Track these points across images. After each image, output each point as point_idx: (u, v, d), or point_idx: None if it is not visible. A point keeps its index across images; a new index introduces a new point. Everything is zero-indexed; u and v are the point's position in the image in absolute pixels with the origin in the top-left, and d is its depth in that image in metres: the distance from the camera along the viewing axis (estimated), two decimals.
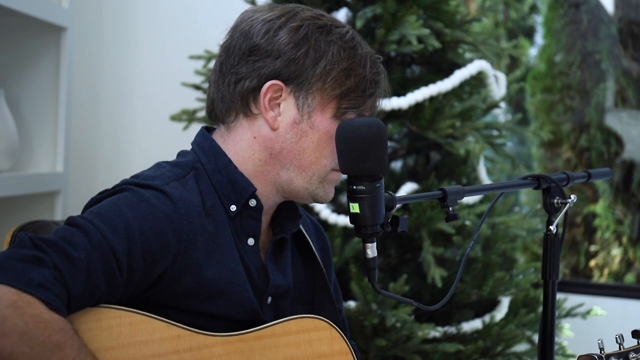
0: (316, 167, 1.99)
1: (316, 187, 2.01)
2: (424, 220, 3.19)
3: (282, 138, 1.98)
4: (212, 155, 2.00)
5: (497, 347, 3.30)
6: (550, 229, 2.14)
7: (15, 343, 1.64)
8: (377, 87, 2.00)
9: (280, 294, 2.04)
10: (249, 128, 2.00)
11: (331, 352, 1.96)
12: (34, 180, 3.21)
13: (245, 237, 1.99)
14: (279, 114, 1.97)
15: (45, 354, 1.67)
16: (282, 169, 2.00)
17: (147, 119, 3.98)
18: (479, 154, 3.36)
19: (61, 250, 1.73)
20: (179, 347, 1.85)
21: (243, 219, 1.99)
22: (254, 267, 1.99)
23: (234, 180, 1.98)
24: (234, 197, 1.98)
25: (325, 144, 1.98)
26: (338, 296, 2.24)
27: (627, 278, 4.49)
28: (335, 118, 1.97)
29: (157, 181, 1.91)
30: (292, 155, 1.98)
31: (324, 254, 2.21)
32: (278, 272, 2.04)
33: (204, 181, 1.97)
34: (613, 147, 4.55)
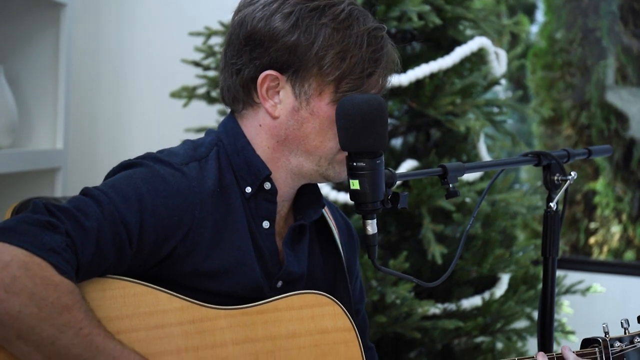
0: (322, 151, 1.98)
1: (326, 168, 2.00)
2: (424, 197, 3.19)
3: (285, 125, 1.97)
4: (232, 135, 2.01)
5: (496, 323, 3.31)
6: (550, 205, 2.14)
7: (24, 303, 1.66)
8: (376, 66, 1.96)
9: (293, 280, 2.04)
10: (255, 117, 2.00)
11: (334, 328, 1.96)
12: (34, 156, 3.21)
13: (260, 219, 2.00)
14: (279, 102, 1.97)
15: (53, 315, 1.68)
16: (290, 155, 2.00)
17: (147, 96, 3.97)
18: (479, 131, 3.36)
19: (74, 219, 1.76)
20: (182, 319, 1.86)
21: (258, 201, 2.00)
22: (268, 250, 2.00)
23: (250, 162, 1.98)
24: (249, 178, 1.98)
25: (328, 127, 1.97)
26: (361, 297, 2.24)
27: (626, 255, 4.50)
28: (334, 102, 1.95)
29: (177, 159, 1.93)
30: (297, 141, 1.98)
31: (351, 252, 2.21)
32: (294, 259, 2.04)
33: (224, 159, 1.98)
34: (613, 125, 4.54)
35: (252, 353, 1.90)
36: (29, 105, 3.29)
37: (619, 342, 2.08)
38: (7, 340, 1.69)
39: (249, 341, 1.90)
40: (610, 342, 2.07)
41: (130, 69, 3.99)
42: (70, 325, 1.70)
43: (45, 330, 1.68)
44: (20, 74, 3.28)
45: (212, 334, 1.87)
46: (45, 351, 1.70)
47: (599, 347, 2.06)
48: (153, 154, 1.95)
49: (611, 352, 2.06)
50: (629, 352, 2.07)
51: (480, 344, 3.40)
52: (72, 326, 1.70)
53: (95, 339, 1.73)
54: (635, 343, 2.08)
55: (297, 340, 1.93)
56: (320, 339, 1.95)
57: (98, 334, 1.74)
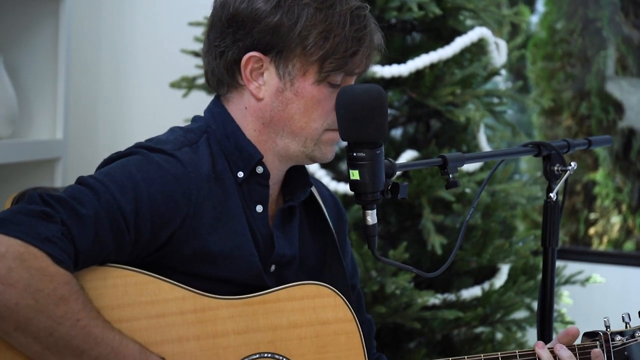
0: (307, 131, 1.98)
1: (312, 149, 2.00)
2: (424, 187, 3.19)
3: (270, 107, 1.97)
4: (220, 121, 2.00)
5: (496, 314, 3.31)
6: (550, 196, 2.14)
7: (21, 294, 1.66)
8: (360, 45, 1.95)
9: (285, 262, 2.04)
10: (240, 99, 2.00)
11: (335, 319, 1.97)
12: (34, 147, 3.21)
13: (253, 203, 2.00)
14: (263, 84, 1.96)
15: (49, 307, 1.68)
16: (276, 137, 1.99)
17: (147, 86, 3.97)
18: (479, 122, 3.36)
19: (70, 207, 1.75)
20: (183, 308, 1.86)
21: (250, 185, 1.99)
22: (261, 234, 2.00)
23: (241, 147, 1.98)
24: (241, 163, 1.98)
25: (313, 108, 1.96)
26: (355, 272, 2.24)
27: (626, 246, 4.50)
28: (318, 82, 1.95)
29: (168, 145, 1.92)
30: (283, 123, 1.98)
31: (341, 228, 2.21)
32: (284, 241, 2.04)
33: (215, 144, 1.98)
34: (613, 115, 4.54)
35: (253, 343, 1.90)
36: (29, 95, 3.29)
37: (620, 336, 2.07)
38: (6, 332, 1.69)
39: (250, 331, 1.90)
40: (611, 335, 2.07)
41: (130, 59, 3.98)
42: (67, 316, 1.70)
43: (43, 321, 1.68)
44: (20, 65, 3.28)
45: (213, 323, 1.87)
46: (43, 342, 1.70)
47: (600, 341, 2.06)
48: (143, 143, 1.95)
49: (612, 346, 2.06)
50: (630, 346, 2.07)
51: (480, 334, 3.41)
52: (69, 317, 1.70)
53: (93, 330, 1.73)
54: (636, 337, 2.08)
55: (298, 330, 1.93)
56: (321, 329, 1.95)
57: (96, 325, 1.74)
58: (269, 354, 1.91)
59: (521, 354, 2.02)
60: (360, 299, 2.23)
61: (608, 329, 2.07)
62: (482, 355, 2.01)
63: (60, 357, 1.72)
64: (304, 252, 2.10)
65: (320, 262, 2.14)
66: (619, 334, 2.07)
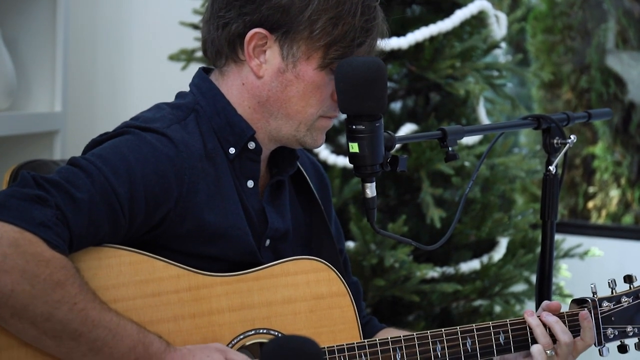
0: (303, 116, 1.97)
1: (304, 134, 1.99)
2: (423, 161, 3.19)
3: (268, 86, 1.96)
4: (210, 97, 1.98)
5: (495, 287, 3.32)
6: (549, 169, 2.14)
7: (16, 281, 1.65)
8: (367, 36, 1.94)
9: (279, 236, 2.04)
10: (238, 74, 1.98)
11: (329, 293, 1.97)
12: (32, 119, 3.21)
13: (244, 179, 1.99)
14: (264, 62, 1.95)
15: (46, 292, 1.67)
16: (270, 117, 1.98)
17: (146, 59, 3.95)
18: (479, 95, 3.35)
19: (64, 191, 1.74)
20: (178, 286, 1.86)
21: (242, 161, 1.98)
22: (253, 210, 1.99)
23: (233, 123, 1.97)
24: (232, 139, 1.97)
25: (311, 93, 1.95)
26: (339, 236, 2.24)
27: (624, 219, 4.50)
28: (321, 68, 1.93)
29: (158, 124, 1.90)
30: (279, 104, 1.96)
31: (324, 193, 2.20)
32: (276, 215, 2.04)
33: (204, 123, 1.96)
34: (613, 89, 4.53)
35: (248, 319, 1.90)
36: (27, 68, 3.28)
37: (607, 302, 2.10)
38: (2, 318, 1.69)
39: (245, 308, 1.90)
40: (598, 302, 2.09)
41: (129, 31, 3.97)
42: (64, 301, 1.69)
43: (39, 307, 1.68)
44: (18, 37, 3.26)
45: (208, 301, 1.87)
46: (40, 327, 1.69)
47: (588, 307, 2.07)
48: (131, 122, 1.92)
49: (600, 312, 2.08)
50: (617, 312, 2.09)
51: (479, 307, 3.42)
52: (66, 302, 1.69)
53: (90, 313, 1.72)
54: (622, 302, 2.10)
55: (293, 306, 1.94)
56: (315, 304, 1.95)
57: (93, 308, 1.73)
58: (264, 330, 1.91)
59: (512, 322, 2.03)
60: (347, 263, 2.23)
61: (595, 295, 2.09)
62: (474, 325, 2.02)
63: (57, 342, 1.72)
64: (295, 225, 2.10)
65: (309, 231, 2.14)
66: (606, 300, 2.10)
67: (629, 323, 2.10)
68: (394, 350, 1.95)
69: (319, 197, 2.15)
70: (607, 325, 2.08)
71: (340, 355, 1.91)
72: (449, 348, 1.98)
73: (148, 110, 1.98)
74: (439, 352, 1.98)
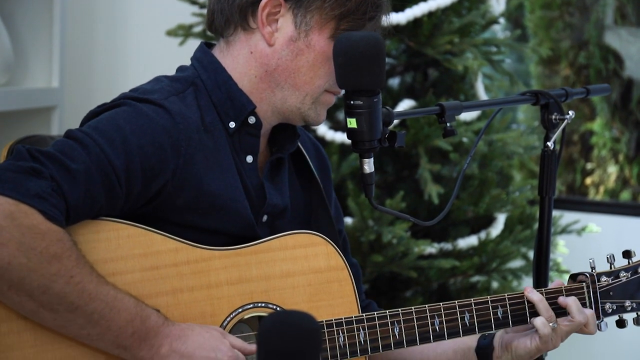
0: (310, 87, 1.97)
1: (308, 107, 1.99)
2: (421, 137, 3.19)
3: (278, 55, 1.96)
4: (211, 70, 1.98)
5: (492, 263, 3.33)
6: (547, 145, 2.14)
7: (13, 253, 1.65)
8: (377, 11, 1.97)
9: (277, 213, 2.04)
10: (247, 42, 1.98)
11: (327, 267, 1.97)
12: (30, 95, 3.20)
13: (244, 154, 1.99)
14: (276, 30, 1.95)
15: (42, 265, 1.68)
16: (276, 87, 1.98)
17: (143, 34, 3.94)
18: (477, 71, 3.35)
19: (59, 162, 1.74)
20: (176, 260, 1.86)
21: (242, 136, 1.98)
22: (252, 185, 1.99)
23: (233, 97, 1.97)
24: (232, 113, 1.97)
25: (321, 64, 1.96)
26: (339, 217, 2.24)
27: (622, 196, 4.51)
28: (332, 38, 1.94)
29: (155, 95, 1.90)
30: (287, 74, 1.97)
31: (324, 173, 2.21)
32: (275, 191, 2.04)
33: (203, 97, 1.96)
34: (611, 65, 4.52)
35: (246, 293, 1.90)
36: (24, 43, 3.27)
37: (606, 277, 2.10)
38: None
39: (243, 281, 1.90)
40: (596, 276, 2.10)
41: (126, 6, 3.96)
42: (60, 274, 1.69)
43: (36, 280, 1.68)
44: (15, 12, 3.25)
45: (206, 274, 1.88)
46: (37, 300, 1.69)
47: (586, 282, 2.08)
48: (128, 93, 1.93)
49: (598, 287, 2.09)
50: (616, 287, 2.10)
51: (476, 283, 3.43)
52: (62, 275, 1.70)
53: (87, 286, 1.72)
54: (620, 277, 2.11)
55: (291, 279, 1.94)
56: (313, 278, 1.96)
57: (90, 281, 1.73)
58: (262, 303, 1.92)
59: (510, 296, 2.04)
60: (346, 244, 2.24)
61: (593, 270, 2.10)
62: (472, 299, 2.03)
63: (55, 314, 1.72)
64: (294, 203, 2.10)
65: (308, 210, 2.14)
66: (604, 274, 2.10)
67: (627, 298, 2.10)
68: (392, 324, 1.95)
69: (319, 178, 2.16)
70: (606, 300, 2.09)
71: (338, 329, 1.92)
72: (447, 322, 1.99)
73: (147, 83, 1.98)
74: (437, 326, 1.99)
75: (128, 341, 1.75)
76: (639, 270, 2.12)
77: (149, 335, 1.77)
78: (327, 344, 1.91)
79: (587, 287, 2.08)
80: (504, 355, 2.09)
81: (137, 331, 1.76)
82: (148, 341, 1.77)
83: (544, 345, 2.03)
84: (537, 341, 2.02)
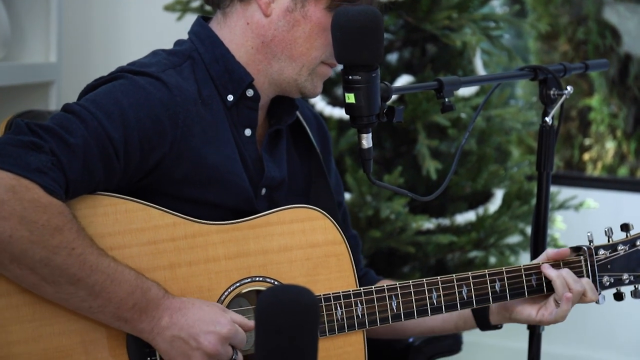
0: (306, 58, 1.97)
1: (305, 79, 1.99)
2: (419, 112, 3.19)
3: (275, 25, 1.96)
4: (209, 44, 1.98)
5: (490, 238, 3.34)
6: (545, 120, 2.14)
7: (15, 227, 1.66)
8: None
9: (275, 185, 2.04)
10: (243, 13, 1.98)
11: (325, 241, 1.97)
12: (27, 70, 3.19)
13: (242, 127, 1.99)
14: (273, 1, 1.95)
15: (44, 237, 1.68)
16: (273, 59, 1.98)
17: (141, 9, 3.93)
18: (476, 46, 3.34)
19: (58, 136, 1.74)
20: (174, 234, 1.86)
21: (240, 109, 1.99)
22: (250, 158, 2.00)
23: (231, 70, 1.97)
24: (230, 86, 1.97)
25: (317, 35, 1.96)
26: (339, 189, 2.24)
27: (620, 171, 4.51)
28: (329, 9, 1.94)
29: (153, 68, 1.90)
30: (284, 45, 1.96)
31: (324, 145, 2.21)
32: (273, 164, 2.04)
33: (200, 70, 1.96)
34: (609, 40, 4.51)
35: (244, 267, 1.91)
36: (22, 18, 3.26)
37: (603, 250, 2.11)
38: (1, 264, 1.69)
39: (241, 256, 1.91)
40: (594, 249, 2.10)
41: None
42: (62, 246, 1.70)
43: (38, 252, 1.68)
44: None
45: (204, 249, 1.88)
46: (39, 273, 1.70)
47: (584, 255, 2.09)
48: (126, 67, 1.93)
49: (596, 260, 2.09)
50: (613, 260, 2.10)
51: (474, 258, 3.43)
52: (64, 247, 1.70)
53: (88, 257, 1.73)
54: (618, 251, 2.11)
55: (289, 254, 1.94)
56: (311, 252, 1.96)
57: (91, 253, 1.73)
58: (260, 277, 1.92)
59: (508, 270, 2.04)
60: (346, 216, 2.24)
61: (591, 243, 2.11)
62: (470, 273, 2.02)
63: (56, 287, 1.72)
64: (292, 175, 2.10)
65: (307, 182, 2.14)
66: (602, 248, 2.11)
67: (625, 271, 2.11)
68: (389, 298, 1.96)
69: (319, 149, 2.16)
70: (603, 273, 2.09)
71: (336, 303, 1.93)
72: (444, 296, 2.00)
73: (144, 57, 1.98)
74: (435, 300, 1.99)
75: (129, 313, 1.76)
76: (636, 243, 2.12)
77: (149, 307, 1.77)
78: (325, 318, 1.92)
79: (585, 260, 2.09)
80: (500, 314, 2.10)
81: (137, 303, 1.76)
82: (149, 313, 1.78)
83: (549, 320, 2.04)
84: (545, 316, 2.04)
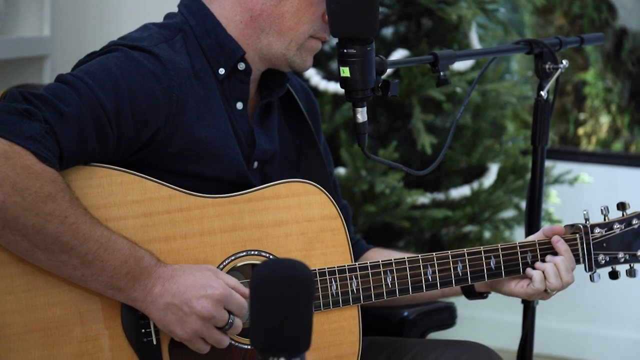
0: (294, 33, 1.96)
1: (294, 53, 1.98)
2: (414, 87, 3.18)
3: (262, 0, 1.95)
4: (200, 17, 1.98)
5: (484, 213, 3.34)
6: (541, 94, 2.14)
7: (7, 192, 1.65)
8: None
9: (267, 158, 2.04)
10: None
11: (321, 216, 1.97)
12: (21, 44, 3.18)
13: (233, 101, 1.99)
14: None
15: (37, 204, 1.68)
16: (261, 33, 1.97)
17: None
18: (471, 20, 3.33)
19: (52, 105, 1.74)
20: (170, 207, 1.86)
21: (231, 82, 1.98)
22: (242, 132, 1.99)
23: (223, 43, 1.96)
24: (222, 60, 1.96)
25: (305, 9, 1.95)
26: (329, 160, 2.24)
27: (614, 146, 4.51)
28: None
29: (145, 43, 1.89)
30: (272, 19, 1.96)
31: (314, 117, 2.21)
32: (264, 137, 2.04)
33: (192, 43, 1.95)
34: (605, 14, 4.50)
35: (239, 241, 1.91)
36: None
37: (599, 229, 2.10)
38: None
39: (236, 229, 1.90)
40: (590, 227, 2.10)
41: None
42: (55, 214, 1.69)
43: (30, 219, 1.68)
44: None
45: (200, 222, 1.88)
46: (32, 239, 1.70)
47: (580, 234, 2.08)
48: (118, 41, 1.92)
49: (591, 238, 2.09)
50: (609, 238, 2.10)
51: (468, 233, 3.44)
52: (57, 215, 1.70)
53: (81, 226, 1.72)
54: (614, 229, 2.11)
55: (284, 228, 1.94)
56: (307, 227, 1.96)
57: (84, 222, 1.73)
58: (255, 251, 1.92)
59: (503, 247, 2.03)
60: (336, 186, 2.24)
61: (587, 221, 2.10)
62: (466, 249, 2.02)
63: (49, 254, 1.72)
64: (284, 147, 2.10)
65: (298, 153, 2.14)
66: (598, 226, 2.10)
67: (620, 249, 2.11)
68: (384, 273, 1.96)
69: (309, 120, 2.15)
70: (599, 252, 2.09)
71: (330, 278, 1.93)
72: (439, 272, 2.00)
73: (135, 31, 1.97)
74: (430, 276, 1.99)
75: (122, 282, 1.76)
76: (632, 222, 2.12)
77: (142, 276, 1.77)
78: (320, 292, 1.92)
79: (581, 238, 2.08)
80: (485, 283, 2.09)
81: (130, 271, 1.76)
82: (141, 281, 1.78)
83: (532, 295, 2.04)
84: (525, 289, 2.03)
